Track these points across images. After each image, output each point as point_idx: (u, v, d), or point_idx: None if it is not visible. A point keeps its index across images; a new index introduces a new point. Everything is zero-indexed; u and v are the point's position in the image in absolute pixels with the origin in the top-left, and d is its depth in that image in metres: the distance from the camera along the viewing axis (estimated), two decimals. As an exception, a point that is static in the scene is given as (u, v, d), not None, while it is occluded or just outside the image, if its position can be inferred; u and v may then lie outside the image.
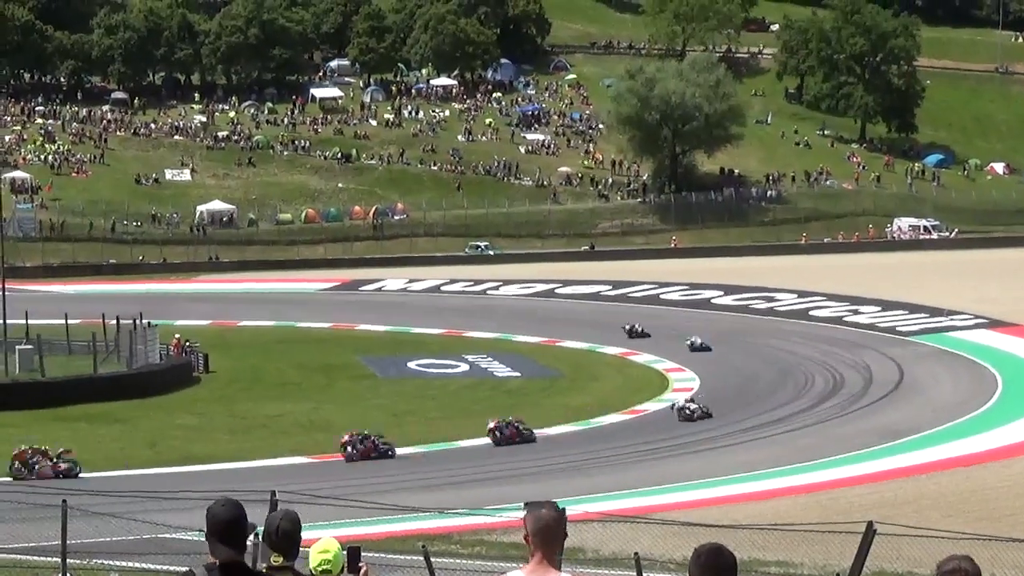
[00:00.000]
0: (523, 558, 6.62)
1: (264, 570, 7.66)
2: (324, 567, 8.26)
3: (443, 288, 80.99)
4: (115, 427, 44.79)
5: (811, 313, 68.19)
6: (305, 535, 7.94)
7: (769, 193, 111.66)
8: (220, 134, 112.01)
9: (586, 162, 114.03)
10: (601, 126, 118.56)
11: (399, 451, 40.60)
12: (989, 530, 26.19)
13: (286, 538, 7.66)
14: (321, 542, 8.41)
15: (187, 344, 56.54)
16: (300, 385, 53.42)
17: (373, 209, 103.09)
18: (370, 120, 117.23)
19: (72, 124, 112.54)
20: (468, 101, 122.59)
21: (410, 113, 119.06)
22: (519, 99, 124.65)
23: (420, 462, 40.21)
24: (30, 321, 56.22)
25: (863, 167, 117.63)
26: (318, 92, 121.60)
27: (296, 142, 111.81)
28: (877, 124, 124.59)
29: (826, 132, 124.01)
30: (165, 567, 21.66)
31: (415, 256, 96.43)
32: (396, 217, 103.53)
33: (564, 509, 6.70)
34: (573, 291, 77.62)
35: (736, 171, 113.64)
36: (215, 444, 41.66)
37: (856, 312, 67.51)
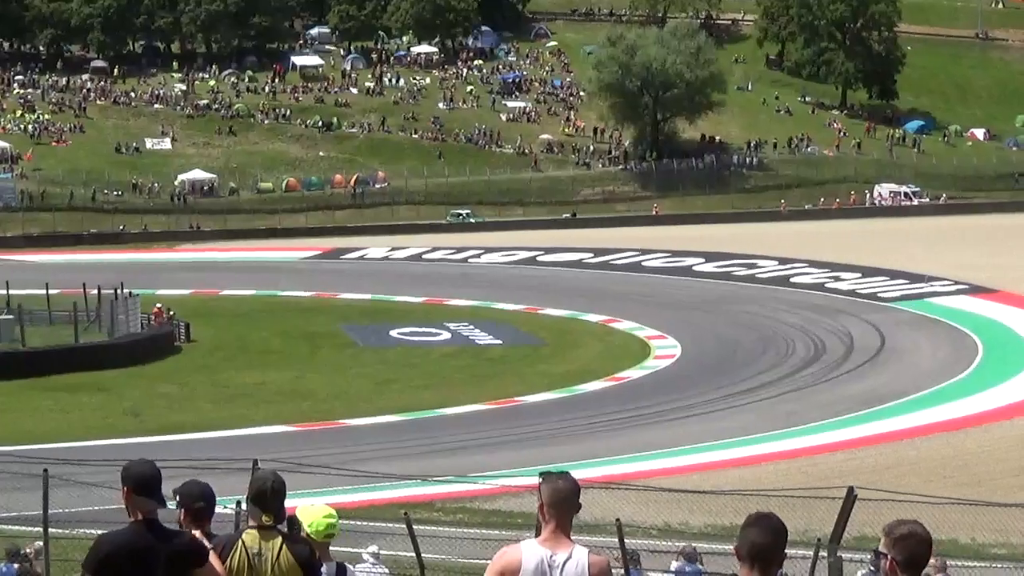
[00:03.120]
0: (505, 525, 6.69)
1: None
2: (329, 531, 8.40)
3: (425, 256, 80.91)
4: (97, 396, 44.73)
5: (792, 280, 68.28)
6: (289, 503, 7.98)
7: (750, 160, 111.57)
8: (200, 103, 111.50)
9: (567, 130, 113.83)
10: (582, 93, 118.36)
11: None
12: (969, 495, 26.38)
13: (277, 497, 7.76)
14: (319, 507, 8.51)
15: (169, 313, 56.51)
16: (283, 354, 53.37)
17: (354, 177, 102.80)
18: (351, 88, 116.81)
19: (51, 93, 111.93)
20: (449, 69, 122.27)
21: (391, 81, 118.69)
22: (500, 67, 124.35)
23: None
24: (11, 291, 56.03)
25: (844, 133, 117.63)
26: (298, 60, 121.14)
27: (277, 110, 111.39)
28: (858, 90, 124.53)
29: (807, 99, 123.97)
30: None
31: (396, 224, 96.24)
32: (377, 185, 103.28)
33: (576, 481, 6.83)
34: (555, 259, 77.64)
35: (717, 138, 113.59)
36: (197, 413, 41.63)
37: (837, 279, 67.61)
